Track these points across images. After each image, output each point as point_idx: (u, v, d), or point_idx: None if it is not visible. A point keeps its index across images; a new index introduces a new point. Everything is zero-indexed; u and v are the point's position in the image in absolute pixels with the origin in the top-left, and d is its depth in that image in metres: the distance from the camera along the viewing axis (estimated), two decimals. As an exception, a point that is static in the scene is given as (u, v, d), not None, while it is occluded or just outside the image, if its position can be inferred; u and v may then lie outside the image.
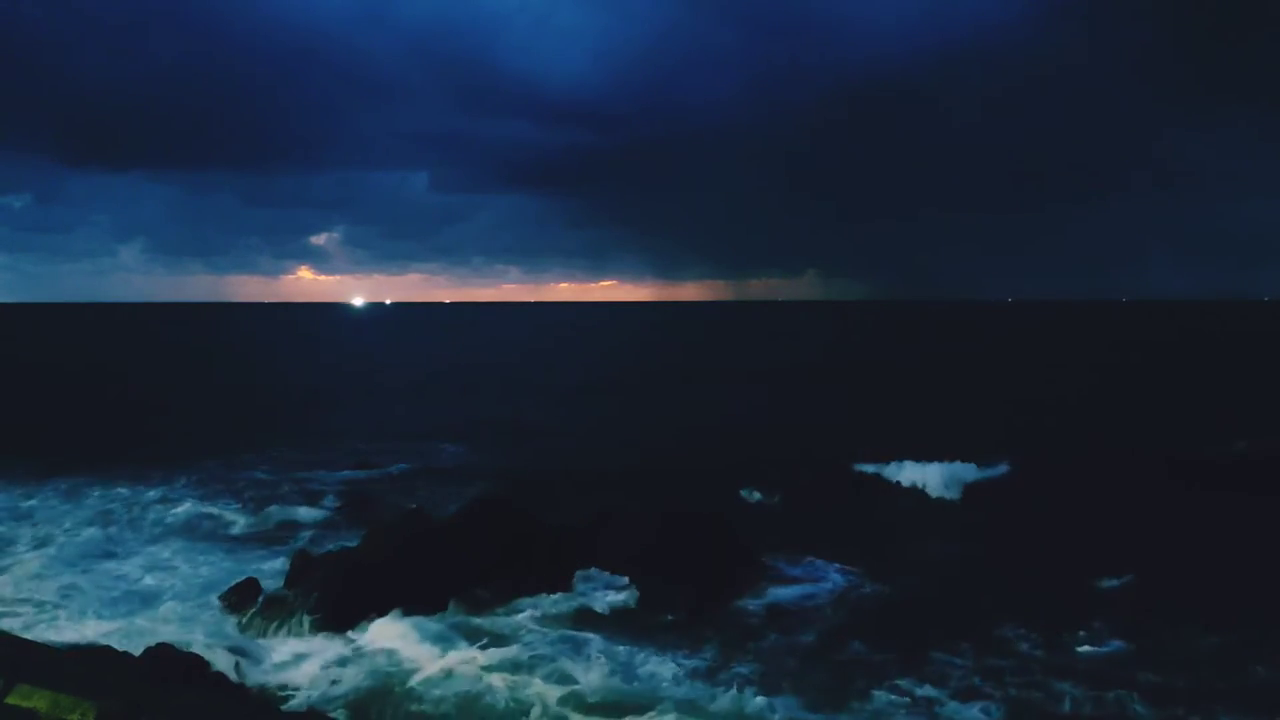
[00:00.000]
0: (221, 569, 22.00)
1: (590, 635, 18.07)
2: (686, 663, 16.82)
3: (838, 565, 22.50)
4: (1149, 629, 18.16)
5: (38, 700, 8.98)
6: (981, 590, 20.97)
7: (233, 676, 15.68)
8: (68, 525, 26.24)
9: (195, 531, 25.93)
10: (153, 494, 30.19)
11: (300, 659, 17.08)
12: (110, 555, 23.33)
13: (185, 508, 28.14)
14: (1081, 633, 18.04)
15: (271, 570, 21.44)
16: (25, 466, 33.95)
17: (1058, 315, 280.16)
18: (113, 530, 25.76)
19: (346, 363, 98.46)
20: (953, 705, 15.20)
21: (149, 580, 21.37)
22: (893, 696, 15.46)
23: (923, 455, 32.32)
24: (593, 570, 20.91)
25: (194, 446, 39.84)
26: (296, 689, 15.83)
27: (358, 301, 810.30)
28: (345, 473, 34.45)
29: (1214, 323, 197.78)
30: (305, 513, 27.92)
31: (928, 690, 15.67)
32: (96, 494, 30.28)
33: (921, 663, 16.76)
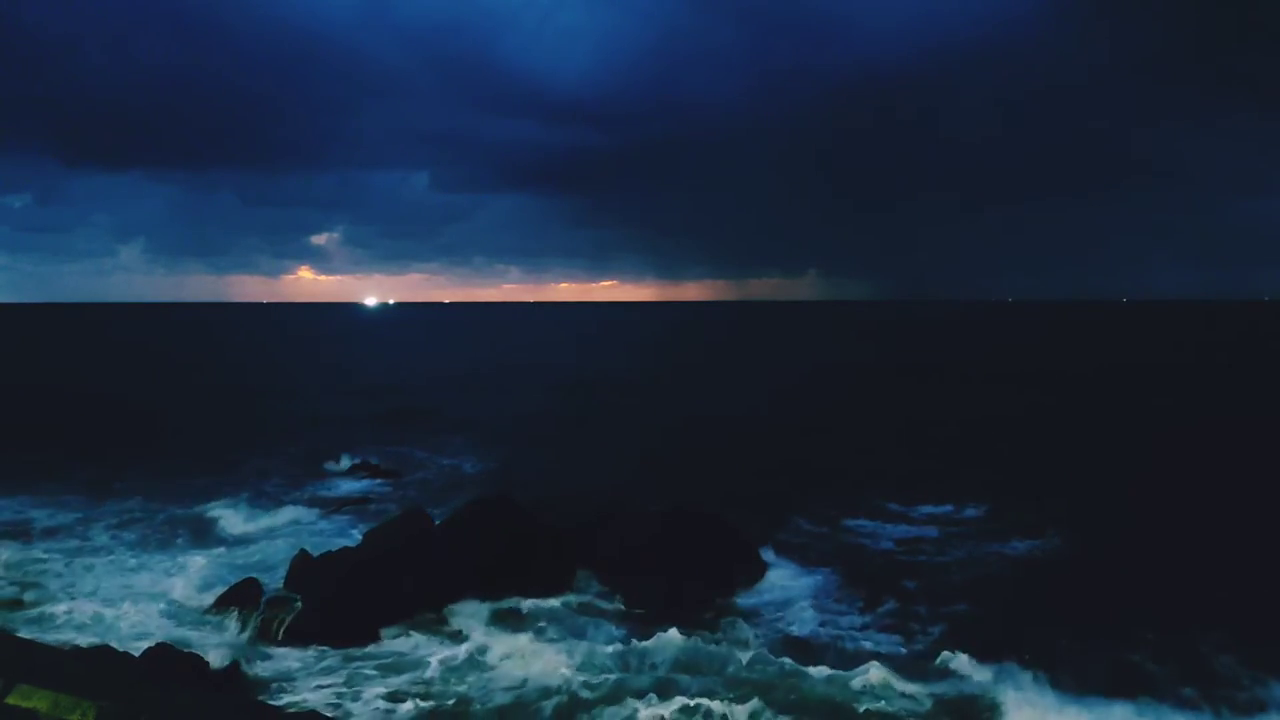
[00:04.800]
0: (222, 569, 21.97)
1: (591, 634, 18.11)
2: (686, 661, 16.80)
3: (838, 565, 22.50)
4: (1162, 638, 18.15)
5: (38, 700, 9.00)
6: (985, 593, 20.96)
7: (233, 677, 15.70)
8: (68, 525, 26.24)
9: (196, 532, 25.90)
10: (152, 494, 30.17)
11: (300, 659, 17.10)
12: (110, 555, 23.34)
13: (185, 508, 28.12)
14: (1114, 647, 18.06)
15: (272, 571, 21.44)
16: (25, 467, 33.95)
17: (1058, 316, 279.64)
18: (111, 530, 25.76)
19: (348, 362, 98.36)
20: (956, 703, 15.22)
21: (149, 580, 21.36)
22: (892, 697, 15.46)
23: (925, 462, 32.26)
24: (593, 570, 20.92)
25: (195, 446, 39.87)
26: (297, 689, 15.83)
27: (370, 301, 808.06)
28: (346, 473, 34.47)
29: (1213, 324, 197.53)
30: (305, 513, 27.91)
31: (931, 691, 15.69)
32: (96, 494, 30.26)
33: (926, 661, 16.77)
